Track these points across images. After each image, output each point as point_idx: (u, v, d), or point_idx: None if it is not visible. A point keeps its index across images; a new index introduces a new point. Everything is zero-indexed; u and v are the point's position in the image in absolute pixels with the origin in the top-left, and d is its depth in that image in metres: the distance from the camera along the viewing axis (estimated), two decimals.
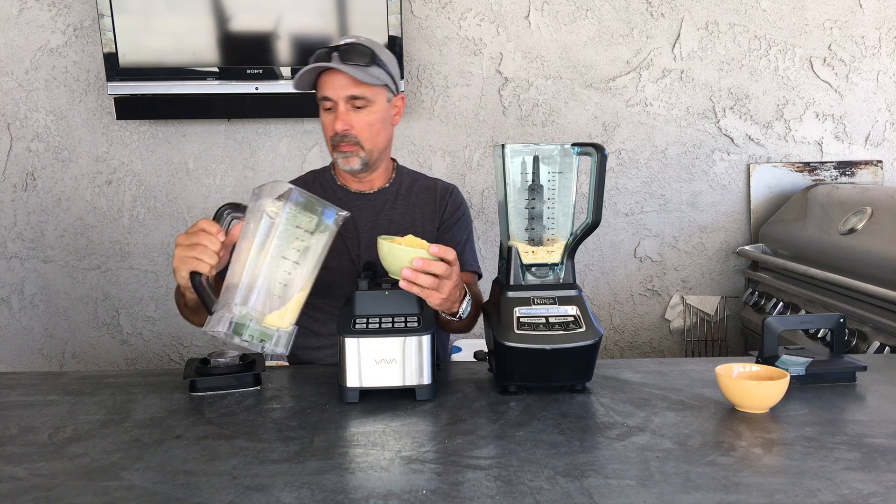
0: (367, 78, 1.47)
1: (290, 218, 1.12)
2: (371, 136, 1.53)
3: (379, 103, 1.53)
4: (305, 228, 1.13)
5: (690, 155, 2.67)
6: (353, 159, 1.54)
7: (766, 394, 1.11)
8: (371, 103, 1.51)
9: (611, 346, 2.76)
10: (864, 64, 2.64)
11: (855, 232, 2.08)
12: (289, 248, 1.12)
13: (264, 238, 1.11)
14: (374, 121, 1.53)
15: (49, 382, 1.34)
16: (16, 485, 0.91)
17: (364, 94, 1.49)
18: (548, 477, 0.90)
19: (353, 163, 1.54)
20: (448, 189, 1.70)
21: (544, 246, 1.26)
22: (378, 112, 1.53)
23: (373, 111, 1.52)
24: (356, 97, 1.49)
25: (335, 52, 1.47)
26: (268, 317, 1.11)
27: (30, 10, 2.50)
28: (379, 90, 1.52)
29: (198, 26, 2.40)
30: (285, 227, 1.12)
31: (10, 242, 2.62)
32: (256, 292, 1.11)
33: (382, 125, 1.56)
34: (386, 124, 1.57)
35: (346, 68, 1.45)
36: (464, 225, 1.68)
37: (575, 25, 2.59)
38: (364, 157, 1.54)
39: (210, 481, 0.91)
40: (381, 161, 1.62)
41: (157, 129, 2.58)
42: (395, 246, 1.19)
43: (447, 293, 1.21)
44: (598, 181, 1.20)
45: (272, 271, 1.12)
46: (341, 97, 1.48)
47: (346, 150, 1.53)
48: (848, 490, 0.86)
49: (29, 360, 2.67)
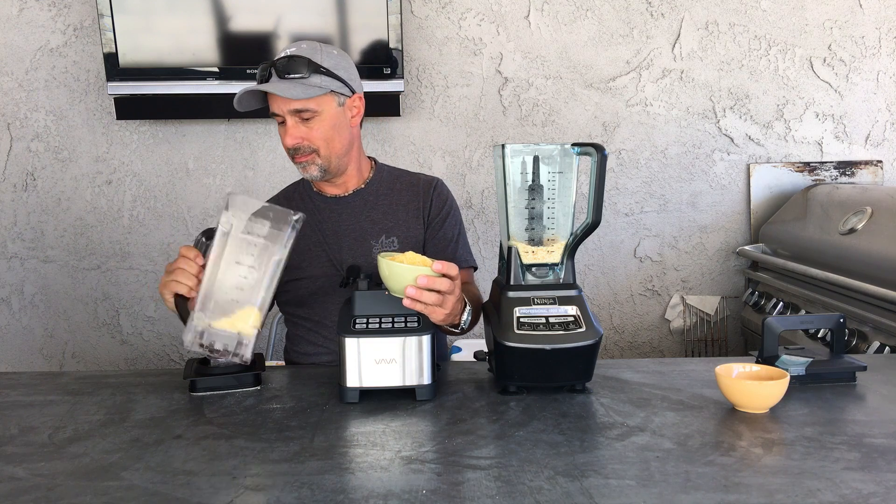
0: (306, 91, 1.44)
1: (240, 225, 1.18)
2: (325, 143, 1.51)
3: (327, 111, 1.49)
4: (258, 234, 1.18)
5: (690, 155, 2.67)
6: (311, 167, 1.53)
7: (766, 394, 1.11)
8: (317, 113, 1.48)
9: (611, 346, 2.76)
10: (864, 64, 2.64)
11: (855, 232, 2.08)
12: (242, 254, 1.18)
13: (220, 249, 1.18)
14: (326, 129, 1.50)
15: (49, 382, 1.34)
16: (16, 485, 0.91)
17: (307, 106, 1.46)
18: (548, 477, 0.90)
19: (311, 171, 1.53)
20: (431, 183, 1.66)
21: (544, 246, 1.26)
22: (328, 119, 1.50)
23: (322, 120, 1.49)
24: (300, 111, 1.47)
25: (273, 69, 1.45)
26: (226, 321, 1.17)
27: (30, 10, 2.50)
28: (324, 98, 1.48)
29: (198, 26, 2.40)
30: (235, 234, 1.18)
31: (10, 242, 2.62)
32: (213, 299, 1.17)
33: (336, 131, 1.52)
34: (341, 129, 1.53)
35: (282, 87, 1.43)
36: (453, 220, 1.66)
37: (575, 25, 2.59)
38: (322, 164, 1.53)
39: (210, 481, 0.91)
40: (344, 164, 1.58)
41: (157, 129, 2.58)
42: (396, 265, 1.17)
43: (450, 308, 1.21)
44: (598, 181, 1.20)
45: (227, 277, 1.18)
46: (286, 112, 1.47)
47: (302, 161, 1.52)
48: (848, 490, 0.86)
49: (29, 360, 2.67)
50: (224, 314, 1.18)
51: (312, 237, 1.59)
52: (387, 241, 1.58)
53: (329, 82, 1.48)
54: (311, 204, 1.63)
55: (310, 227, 1.59)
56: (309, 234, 1.58)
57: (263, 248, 1.19)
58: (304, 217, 1.22)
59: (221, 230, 1.18)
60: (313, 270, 1.57)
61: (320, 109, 1.48)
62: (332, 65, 1.49)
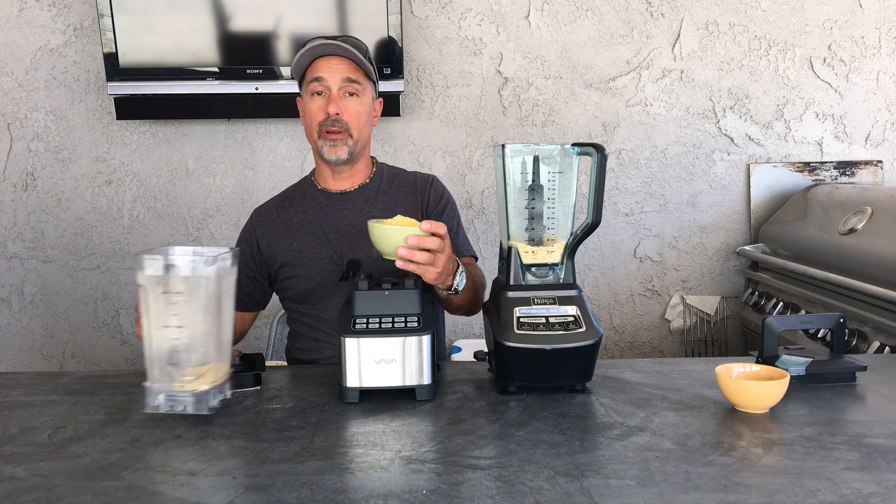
0: (365, 65, 1.53)
1: (153, 286, 1.08)
2: (359, 125, 1.56)
3: (367, 96, 1.58)
4: (175, 291, 1.08)
5: (690, 155, 2.67)
6: (341, 148, 1.55)
7: (766, 394, 1.11)
8: (363, 93, 1.55)
9: (611, 346, 2.76)
10: (864, 64, 2.64)
11: (855, 232, 2.08)
12: (164, 315, 1.08)
13: (146, 310, 1.09)
14: (363, 111, 1.56)
15: (49, 382, 1.34)
16: (16, 485, 0.91)
17: (360, 79, 1.54)
18: (548, 477, 0.90)
19: (340, 151, 1.55)
20: (427, 180, 1.70)
21: (544, 246, 1.26)
22: (366, 104, 1.58)
23: (363, 102, 1.56)
24: (353, 81, 1.53)
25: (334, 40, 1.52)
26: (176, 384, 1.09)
27: (30, 10, 2.50)
28: (368, 84, 1.57)
29: (198, 26, 2.40)
30: (152, 296, 1.08)
31: (10, 242, 2.62)
32: (156, 366, 1.09)
33: (368, 118, 1.60)
34: (370, 119, 1.61)
35: (349, 50, 1.50)
36: (451, 212, 1.69)
37: (575, 25, 2.59)
38: (351, 147, 1.56)
39: (210, 481, 0.91)
40: (362, 155, 1.63)
41: (157, 129, 2.58)
42: (387, 227, 1.21)
43: (441, 266, 1.24)
44: (598, 181, 1.20)
45: (160, 344, 1.09)
46: (338, 80, 1.52)
47: (334, 138, 1.53)
48: (848, 490, 0.86)
49: (29, 360, 2.67)
50: (171, 378, 1.09)
51: (314, 234, 1.60)
52: None
53: (373, 73, 1.59)
54: (313, 201, 1.65)
55: (311, 223, 1.61)
56: (310, 231, 1.59)
57: (187, 302, 1.08)
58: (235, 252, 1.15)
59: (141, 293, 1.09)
60: (314, 266, 1.58)
61: (365, 91, 1.56)
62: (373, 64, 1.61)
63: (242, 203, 2.60)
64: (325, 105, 1.52)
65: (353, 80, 1.52)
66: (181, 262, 1.09)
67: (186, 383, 1.09)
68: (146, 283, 1.08)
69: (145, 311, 1.09)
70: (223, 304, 1.13)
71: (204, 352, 1.10)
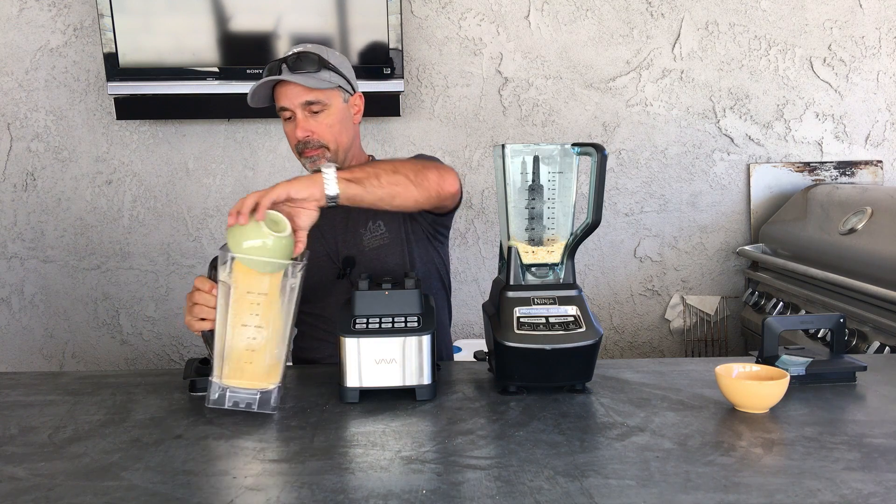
0: (318, 83, 1.51)
1: (239, 285, 1.12)
2: (333, 136, 1.56)
3: (335, 105, 1.55)
4: (259, 291, 1.12)
5: (690, 155, 2.67)
6: (322, 162, 1.55)
7: (766, 394, 1.11)
8: (327, 106, 1.54)
9: (611, 346, 2.76)
10: (864, 64, 2.64)
11: (855, 232, 2.08)
12: (245, 314, 1.12)
13: (224, 308, 1.13)
14: (334, 122, 1.55)
15: (49, 382, 1.34)
16: (16, 485, 0.91)
17: (318, 98, 1.52)
18: (548, 477, 0.90)
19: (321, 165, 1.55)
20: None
21: (544, 246, 1.26)
22: (335, 114, 1.56)
23: (330, 113, 1.54)
24: (311, 102, 1.52)
25: (284, 64, 1.50)
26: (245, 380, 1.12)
27: (30, 10, 2.50)
28: (333, 92, 1.55)
29: (198, 26, 2.40)
30: (236, 295, 1.12)
31: (10, 242, 2.62)
32: (228, 362, 1.13)
33: (343, 125, 1.58)
34: (346, 123, 1.59)
35: (296, 77, 1.49)
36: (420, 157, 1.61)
37: (575, 25, 2.59)
38: (331, 158, 1.56)
39: (210, 481, 0.91)
40: (349, 160, 1.62)
41: (157, 129, 2.58)
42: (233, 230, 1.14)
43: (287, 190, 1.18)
44: (598, 181, 1.20)
45: (237, 341, 1.13)
46: (297, 105, 1.52)
47: (312, 155, 1.55)
48: (848, 490, 0.86)
49: (29, 360, 2.67)
50: (242, 374, 1.13)
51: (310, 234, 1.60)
52: (373, 226, 1.60)
53: (336, 78, 1.54)
54: None
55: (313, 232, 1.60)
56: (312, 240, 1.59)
57: (268, 303, 1.13)
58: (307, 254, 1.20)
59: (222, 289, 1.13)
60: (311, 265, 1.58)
61: (329, 103, 1.54)
62: (337, 63, 1.56)
63: None
64: (295, 129, 1.54)
65: (311, 102, 1.52)
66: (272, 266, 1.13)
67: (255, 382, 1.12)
68: (229, 281, 1.12)
69: (222, 307, 1.12)
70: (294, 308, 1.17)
71: (277, 352, 1.14)
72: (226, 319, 1.12)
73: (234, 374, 1.12)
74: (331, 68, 1.54)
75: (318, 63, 1.51)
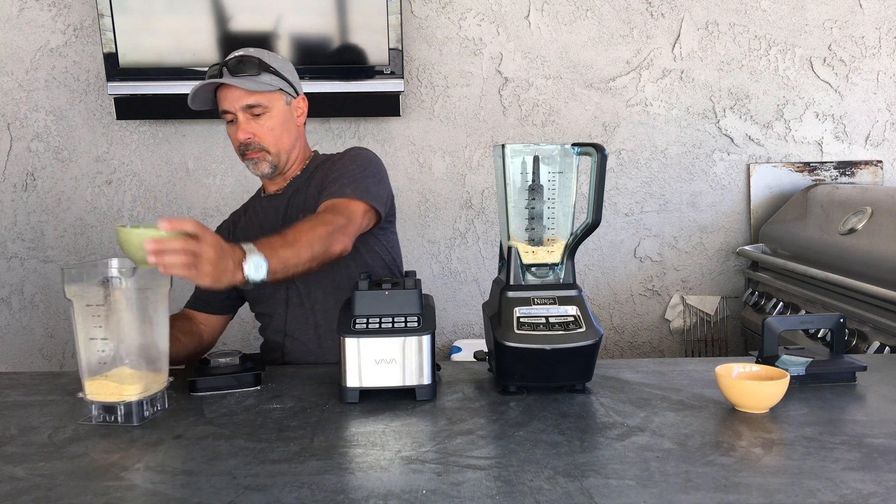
0: (258, 86, 1.52)
1: (76, 298, 1.10)
2: (274, 139, 1.57)
3: (276, 108, 1.56)
4: (96, 303, 1.09)
5: (690, 155, 2.67)
6: (262, 164, 1.57)
7: (766, 394, 1.11)
8: (268, 109, 1.55)
9: (611, 346, 2.76)
10: (864, 64, 2.64)
11: (855, 232, 2.08)
12: (90, 328, 1.10)
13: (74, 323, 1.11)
14: (275, 125, 1.56)
15: (49, 382, 1.34)
16: (16, 485, 0.91)
17: (259, 101, 1.53)
18: (548, 477, 0.90)
19: (262, 168, 1.58)
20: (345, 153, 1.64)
21: (544, 246, 1.26)
22: (277, 116, 1.57)
23: (271, 116, 1.56)
24: (252, 105, 1.53)
25: (224, 68, 1.51)
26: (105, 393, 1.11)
27: (30, 10, 2.50)
28: (274, 95, 1.56)
29: (198, 26, 2.40)
30: (77, 308, 1.10)
31: (10, 242, 2.62)
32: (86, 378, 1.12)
33: (284, 128, 1.58)
34: (289, 126, 1.60)
35: (236, 81, 1.50)
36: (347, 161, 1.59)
37: (575, 25, 2.59)
38: (272, 161, 1.58)
39: (210, 481, 0.91)
40: (291, 161, 1.63)
41: (157, 129, 2.58)
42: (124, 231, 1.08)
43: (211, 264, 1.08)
44: (598, 181, 1.20)
45: (88, 356, 1.11)
46: (238, 108, 1.53)
47: (253, 157, 1.57)
48: (848, 490, 0.86)
49: (29, 360, 2.67)
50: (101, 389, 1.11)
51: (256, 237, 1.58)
52: None
53: (277, 81, 1.56)
54: (258, 206, 1.68)
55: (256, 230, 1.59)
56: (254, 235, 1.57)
57: (107, 314, 1.09)
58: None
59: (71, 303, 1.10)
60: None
61: (270, 106, 1.55)
62: (278, 66, 1.57)
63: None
64: (236, 132, 1.55)
65: (252, 105, 1.53)
66: (101, 276, 1.11)
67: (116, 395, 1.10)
68: (70, 297, 1.10)
69: (74, 324, 1.11)
70: (151, 315, 1.14)
71: (132, 363, 1.12)
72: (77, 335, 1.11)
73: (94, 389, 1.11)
74: (272, 71, 1.54)
75: (259, 66, 1.52)
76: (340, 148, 2.59)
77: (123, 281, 1.11)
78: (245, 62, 1.52)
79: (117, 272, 1.13)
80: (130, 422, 1.10)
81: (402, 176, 2.62)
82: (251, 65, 1.52)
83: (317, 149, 1.76)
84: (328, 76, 2.42)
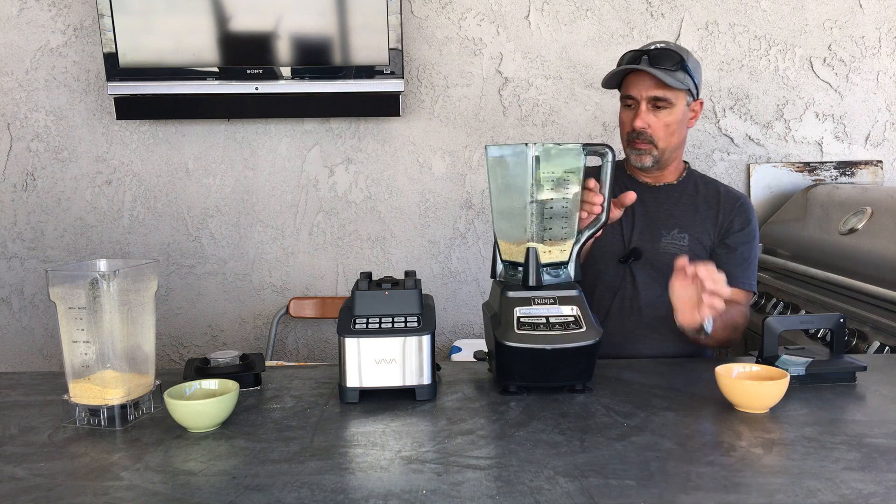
0: (672, 81, 1.55)
1: (59, 301, 1.10)
2: (666, 136, 1.61)
3: (679, 106, 1.60)
4: (78, 306, 1.09)
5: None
6: (646, 157, 1.62)
7: (766, 394, 1.11)
8: (671, 105, 1.59)
9: None
10: (864, 64, 2.64)
11: (855, 232, 2.08)
12: (72, 330, 1.10)
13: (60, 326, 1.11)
14: (672, 122, 1.60)
15: (49, 382, 1.34)
16: (16, 485, 0.91)
17: (667, 95, 1.57)
18: (548, 477, 0.90)
19: (645, 160, 1.63)
20: (737, 199, 1.69)
21: (558, 245, 1.26)
22: (676, 114, 1.60)
23: (672, 113, 1.59)
24: (658, 98, 1.57)
25: (645, 56, 1.55)
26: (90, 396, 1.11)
27: (30, 10, 2.50)
28: (681, 94, 1.59)
29: (198, 26, 2.40)
30: (61, 311, 1.11)
31: (10, 242, 2.62)
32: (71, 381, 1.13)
33: (678, 126, 1.62)
34: (681, 126, 1.63)
35: (654, 71, 1.53)
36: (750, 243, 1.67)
37: (575, 25, 2.59)
38: (656, 156, 1.62)
39: (210, 481, 0.91)
40: (671, 160, 1.67)
41: (157, 129, 2.58)
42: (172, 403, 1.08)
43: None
44: (606, 181, 1.20)
45: (72, 359, 1.11)
46: (644, 97, 1.57)
47: (640, 148, 1.62)
48: (848, 490, 0.86)
49: (29, 360, 2.67)
50: (86, 392, 1.11)
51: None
52: (678, 235, 1.64)
53: (689, 82, 1.59)
54: (621, 184, 1.70)
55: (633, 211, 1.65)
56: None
57: (89, 317, 1.09)
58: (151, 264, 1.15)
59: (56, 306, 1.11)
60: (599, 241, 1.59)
61: (675, 102, 1.59)
62: (692, 66, 1.61)
63: (242, 203, 2.60)
64: (633, 118, 1.59)
65: (658, 98, 1.56)
66: (82, 278, 1.10)
67: (100, 398, 1.10)
68: (54, 299, 1.10)
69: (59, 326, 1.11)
70: (136, 317, 1.13)
71: (114, 366, 1.11)
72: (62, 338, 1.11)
73: (79, 392, 1.12)
74: (686, 70, 1.57)
75: (678, 62, 1.56)
76: (340, 147, 2.60)
77: (107, 283, 1.10)
78: (666, 55, 1.55)
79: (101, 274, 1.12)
80: (114, 426, 1.09)
81: (402, 176, 2.62)
82: (671, 59, 1.55)
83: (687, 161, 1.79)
84: (328, 76, 2.42)
